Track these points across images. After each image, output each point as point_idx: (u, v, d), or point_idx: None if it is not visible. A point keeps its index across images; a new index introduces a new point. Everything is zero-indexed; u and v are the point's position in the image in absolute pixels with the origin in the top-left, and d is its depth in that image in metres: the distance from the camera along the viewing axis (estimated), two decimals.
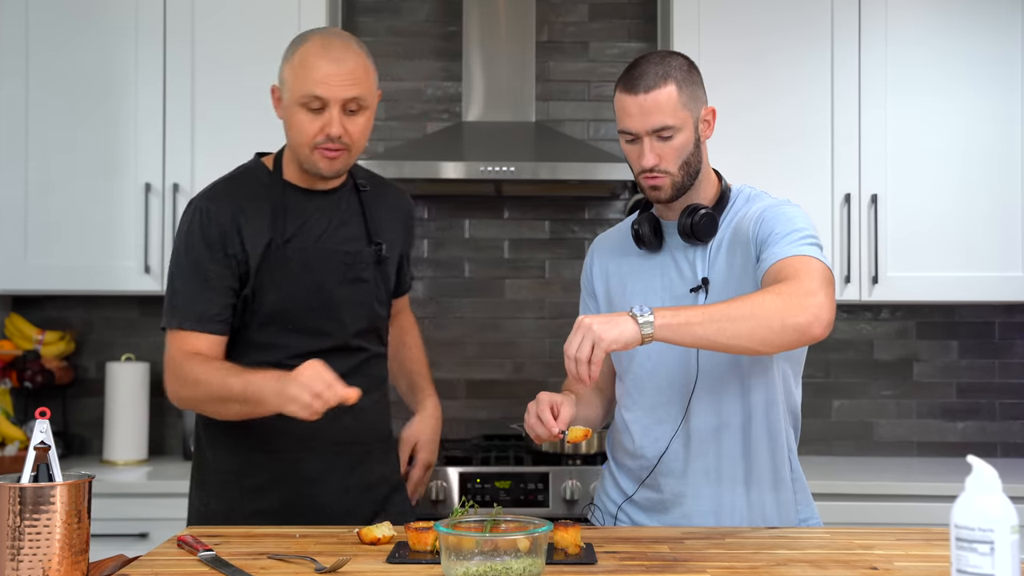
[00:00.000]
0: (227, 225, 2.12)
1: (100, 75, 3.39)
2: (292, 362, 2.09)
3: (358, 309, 2.21)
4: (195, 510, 2.26)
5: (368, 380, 2.23)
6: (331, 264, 2.16)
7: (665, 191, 2.07)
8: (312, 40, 2.11)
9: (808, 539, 1.95)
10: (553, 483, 3.14)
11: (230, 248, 2.11)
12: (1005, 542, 1.34)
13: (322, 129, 2.07)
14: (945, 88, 3.43)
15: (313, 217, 2.18)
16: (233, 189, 2.19)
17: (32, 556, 1.55)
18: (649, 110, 2.02)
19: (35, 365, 3.51)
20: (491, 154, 3.32)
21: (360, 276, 2.20)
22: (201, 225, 2.13)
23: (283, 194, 2.17)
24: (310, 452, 2.17)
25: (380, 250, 2.23)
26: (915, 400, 3.77)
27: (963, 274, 3.40)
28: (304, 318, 2.14)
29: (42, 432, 1.60)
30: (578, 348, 1.78)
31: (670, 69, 2.04)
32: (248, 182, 2.20)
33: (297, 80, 2.08)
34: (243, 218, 2.13)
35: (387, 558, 1.75)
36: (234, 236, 2.12)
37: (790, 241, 1.95)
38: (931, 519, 2.73)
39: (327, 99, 2.06)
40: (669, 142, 2.03)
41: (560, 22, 3.86)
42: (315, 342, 2.15)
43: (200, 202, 2.16)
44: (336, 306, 2.17)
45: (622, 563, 1.73)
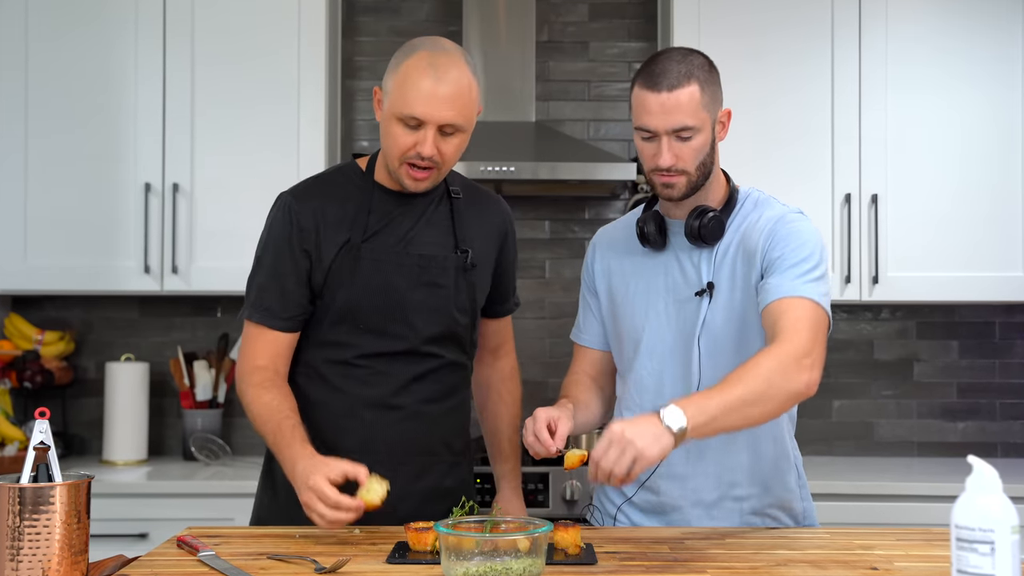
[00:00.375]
0: (308, 223, 2.13)
1: (99, 74, 3.39)
2: (360, 362, 2.14)
3: (431, 315, 2.17)
4: (259, 502, 2.24)
5: (439, 387, 2.21)
6: (405, 266, 2.14)
7: (678, 190, 2.05)
8: (420, 53, 2.06)
9: (808, 539, 1.94)
10: (553, 483, 3.14)
11: (307, 246, 2.12)
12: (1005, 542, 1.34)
13: (414, 146, 2.05)
14: (946, 87, 3.43)
15: (397, 219, 2.17)
16: (320, 188, 2.20)
17: (32, 556, 1.55)
18: (671, 109, 1.99)
19: (35, 365, 3.51)
20: (491, 154, 3.32)
21: (436, 281, 2.16)
22: (283, 221, 2.15)
23: (371, 195, 2.17)
24: (373, 457, 2.10)
25: (466, 257, 2.20)
26: (915, 400, 3.76)
27: (963, 274, 3.39)
28: (373, 319, 2.13)
29: (41, 432, 1.60)
30: (616, 462, 1.71)
31: (693, 68, 2.01)
32: (337, 181, 2.21)
33: (398, 94, 2.04)
34: (325, 217, 2.13)
35: (387, 558, 1.75)
36: (313, 235, 2.12)
37: (795, 275, 1.96)
38: (931, 519, 2.72)
39: (425, 120, 2.03)
40: (688, 142, 2.01)
41: (560, 22, 3.86)
42: (385, 343, 2.14)
43: (287, 198, 2.18)
44: (406, 309, 2.14)
45: (622, 563, 1.73)
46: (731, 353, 2.06)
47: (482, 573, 1.54)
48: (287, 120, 3.39)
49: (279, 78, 3.40)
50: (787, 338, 1.89)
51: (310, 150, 3.36)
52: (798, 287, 1.95)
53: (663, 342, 2.12)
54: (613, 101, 3.84)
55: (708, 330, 2.06)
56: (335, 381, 2.16)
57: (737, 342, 2.06)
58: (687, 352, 2.09)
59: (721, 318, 2.06)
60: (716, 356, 2.07)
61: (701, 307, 2.07)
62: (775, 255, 1.99)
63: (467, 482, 2.31)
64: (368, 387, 2.15)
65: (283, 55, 3.40)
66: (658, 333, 2.13)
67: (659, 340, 2.12)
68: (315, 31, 3.41)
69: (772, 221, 2.03)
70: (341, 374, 2.15)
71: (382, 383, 2.15)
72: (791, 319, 1.92)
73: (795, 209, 2.09)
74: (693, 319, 2.08)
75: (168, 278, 3.37)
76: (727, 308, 2.06)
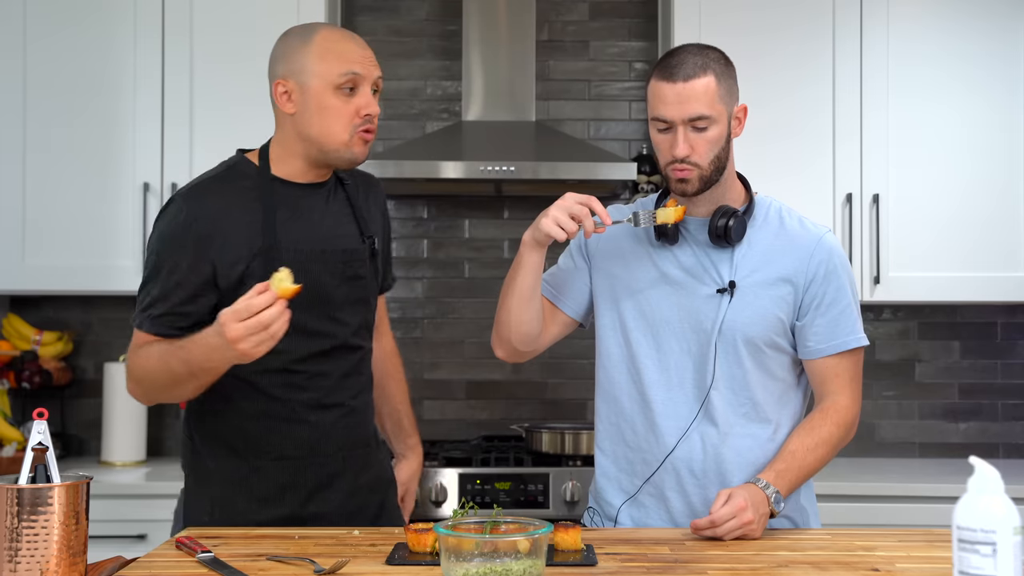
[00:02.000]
0: (210, 228, 2.02)
1: (98, 73, 3.38)
2: (296, 366, 2.09)
3: (356, 307, 2.17)
4: (199, 523, 2.12)
5: (364, 378, 2.23)
6: (329, 263, 2.11)
7: (693, 184, 2.05)
8: (322, 29, 2.10)
9: (809, 540, 1.94)
10: (553, 484, 3.13)
11: (210, 253, 2.02)
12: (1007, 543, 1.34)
13: (358, 111, 2.05)
14: (947, 86, 3.42)
15: (305, 214, 2.11)
16: (219, 188, 2.09)
17: (30, 558, 1.54)
18: (687, 98, 2.01)
19: (33, 366, 3.50)
20: (491, 154, 3.32)
21: (358, 273, 2.16)
22: (179, 226, 2.03)
23: (272, 192, 2.09)
24: (320, 457, 2.14)
25: (373, 243, 2.20)
26: (917, 401, 3.76)
27: (965, 274, 3.39)
28: (302, 320, 2.03)
29: (40, 433, 1.60)
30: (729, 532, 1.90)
31: (709, 60, 2.04)
32: (235, 180, 2.11)
33: (327, 64, 2.04)
34: (229, 221, 2.04)
35: (386, 559, 1.74)
36: (217, 240, 2.02)
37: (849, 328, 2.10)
38: (933, 520, 2.71)
39: (363, 76, 2.06)
40: (703, 133, 2.02)
41: (560, 21, 3.85)
42: (316, 343, 2.11)
43: (183, 201, 2.05)
44: (334, 306, 2.13)
45: (623, 564, 1.73)
46: (746, 355, 2.07)
47: (482, 574, 1.53)
48: None
49: None
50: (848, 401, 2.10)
51: None
52: (852, 339, 2.10)
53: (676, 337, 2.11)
54: (614, 100, 3.83)
55: (727, 329, 2.07)
56: (273, 391, 2.09)
57: (754, 344, 2.08)
58: (702, 349, 2.09)
59: (741, 318, 2.06)
60: (731, 355, 2.07)
61: (721, 305, 2.07)
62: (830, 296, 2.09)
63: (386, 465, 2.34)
64: (307, 391, 2.11)
65: None
66: (670, 326, 2.11)
67: (671, 335, 2.11)
68: None
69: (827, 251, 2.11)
70: (278, 383, 2.09)
71: (317, 384, 2.12)
72: (848, 377, 2.11)
73: (827, 228, 2.17)
74: (710, 316, 2.08)
75: None
76: (747, 309, 2.07)
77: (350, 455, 2.18)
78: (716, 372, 2.07)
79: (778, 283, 2.08)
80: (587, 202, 2.01)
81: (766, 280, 2.08)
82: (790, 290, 2.08)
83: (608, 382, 2.19)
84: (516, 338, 2.18)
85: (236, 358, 1.83)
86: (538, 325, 2.18)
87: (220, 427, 2.13)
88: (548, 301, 2.23)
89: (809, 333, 2.09)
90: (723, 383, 2.08)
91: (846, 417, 2.09)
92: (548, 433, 3.33)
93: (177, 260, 2.02)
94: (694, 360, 2.10)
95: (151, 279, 2.06)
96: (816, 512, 2.20)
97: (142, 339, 2.06)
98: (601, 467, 2.22)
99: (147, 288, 2.07)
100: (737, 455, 2.08)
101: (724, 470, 2.08)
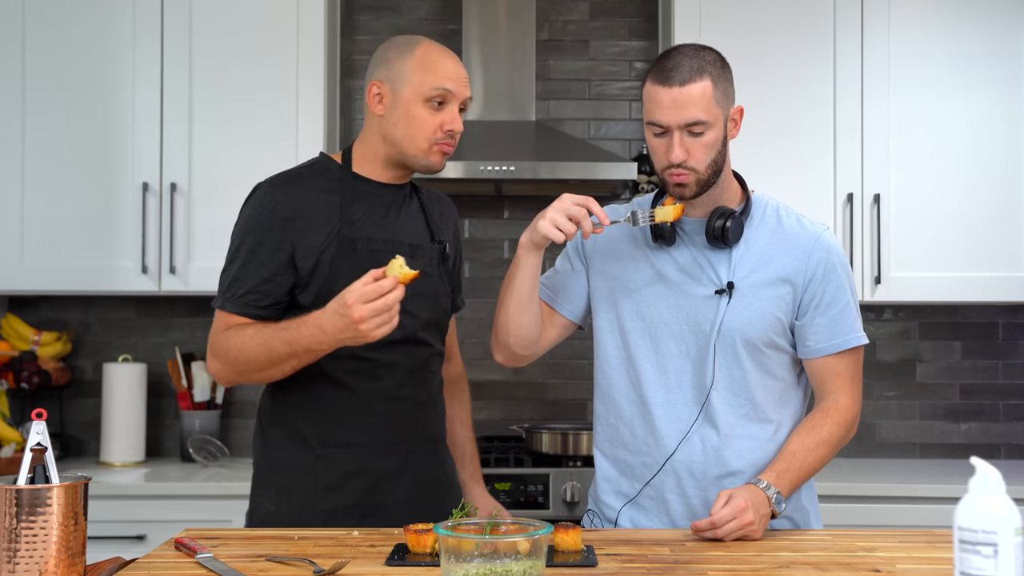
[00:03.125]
0: (290, 212, 2.13)
1: (97, 72, 3.38)
2: (365, 354, 2.13)
3: (425, 301, 2.21)
4: (265, 512, 2.18)
5: (434, 377, 2.27)
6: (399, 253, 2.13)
7: (690, 188, 2.04)
8: (425, 42, 2.19)
9: (810, 541, 1.94)
10: (553, 485, 3.13)
11: (290, 236, 2.12)
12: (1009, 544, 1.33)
13: (442, 125, 2.13)
14: (949, 85, 3.41)
15: (380, 209, 2.20)
16: (302, 178, 2.21)
17: (28, 559, 1.54)
18: (683, 103, 1.99)
19: (32, 366, 3.49)
20: (491, 153, 3.31)
21: (424, 269, 2.18)
22: (264, 210, 2.15)
23: (352, 186, 2.20)
24: (386, 448, 2.18)
25: (444, 247, 2.27)
26: (918, 401, 3.75)
27: (966, 274, 3.38)
28: None
29: (39, 433, 1.59)
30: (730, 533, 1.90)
31: (705, 63, 2.01)
32: (318, 173, 2.22)
33: (423, 76, 2.13)
34: (307, 207, 2.14)
35: (386, 560, 1.73)
36: (296, 224, 2.12)
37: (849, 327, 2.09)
38: (934, 521, 2.71)
39: (454, 94, 2.14)
40: (700, 138, 2.01)
41: (560, 20, 3.85)
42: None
43: (269, 187, 2.17)
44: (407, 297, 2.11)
45: (623, 565, 1.72)
46: (746, 356, 2.06)
47: (482, 575, 1.53)
48: (286, 119, 3.38)
49: (278, 76, 3.38)
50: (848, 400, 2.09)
51: (309, 148, 3.33)
52: (852, 337, 2.09)
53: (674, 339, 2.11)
54: (614, 100, 3.83)
55: (726, 330, 2.06)
56: (343, 378, 2.16)
57: (753, 344, 2.07)
58: (701, 351, 2.08)
59: (740, 319, 2.06)
60: (731, 356, 2.07)
61: (719, 307, 2.07)
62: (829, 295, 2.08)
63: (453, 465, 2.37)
64: (376, 380, 2.17)
65: (282, 53, 3.39)
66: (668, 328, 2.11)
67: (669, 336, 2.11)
68: (314, 29, 3.40)
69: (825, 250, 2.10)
70: (349, 370, 2.15)
71: (387, 375, 2.17)
72: (848, 376, 2.10)
73: (825, 225, 2.15)
74: (709, 318, 2.08)
75: (166, 278, 3.35)
76: (746, 310, 2.06)
77: (416, 450, 2.22)
78: (716, 374, 2.06)
79: (777, 283, 2.07)
80: (584, 203, 2.00)
81: (764, 280, 2.07)
82: (789, 290, 2.08)
83: (606, 384, 2.18)
84: (515, 342, 2.17)
85: (352, 339, 1.93)
86: (537, 328, 2.18)
87: (290, 415, 2.19)
88: (546, 304, 2.23)
89: (808, 332, 2.09)
90: (723, 384, 2.07)
91: (846, 416, 2.09)
92: (548, 434, 3.33)
93: (261, 241, 2.13)
94: (692, 362, 2.09)
95: (233, 261, 2.16)
96: (817, 512, 2.20)
97: (224, 321, 2.14)
98: (601, 469, 2.21)
99: (229, 270, 2.16)
100: (738, 456, 2.07)
101: (725, 471, 2.07)
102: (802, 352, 2.11)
